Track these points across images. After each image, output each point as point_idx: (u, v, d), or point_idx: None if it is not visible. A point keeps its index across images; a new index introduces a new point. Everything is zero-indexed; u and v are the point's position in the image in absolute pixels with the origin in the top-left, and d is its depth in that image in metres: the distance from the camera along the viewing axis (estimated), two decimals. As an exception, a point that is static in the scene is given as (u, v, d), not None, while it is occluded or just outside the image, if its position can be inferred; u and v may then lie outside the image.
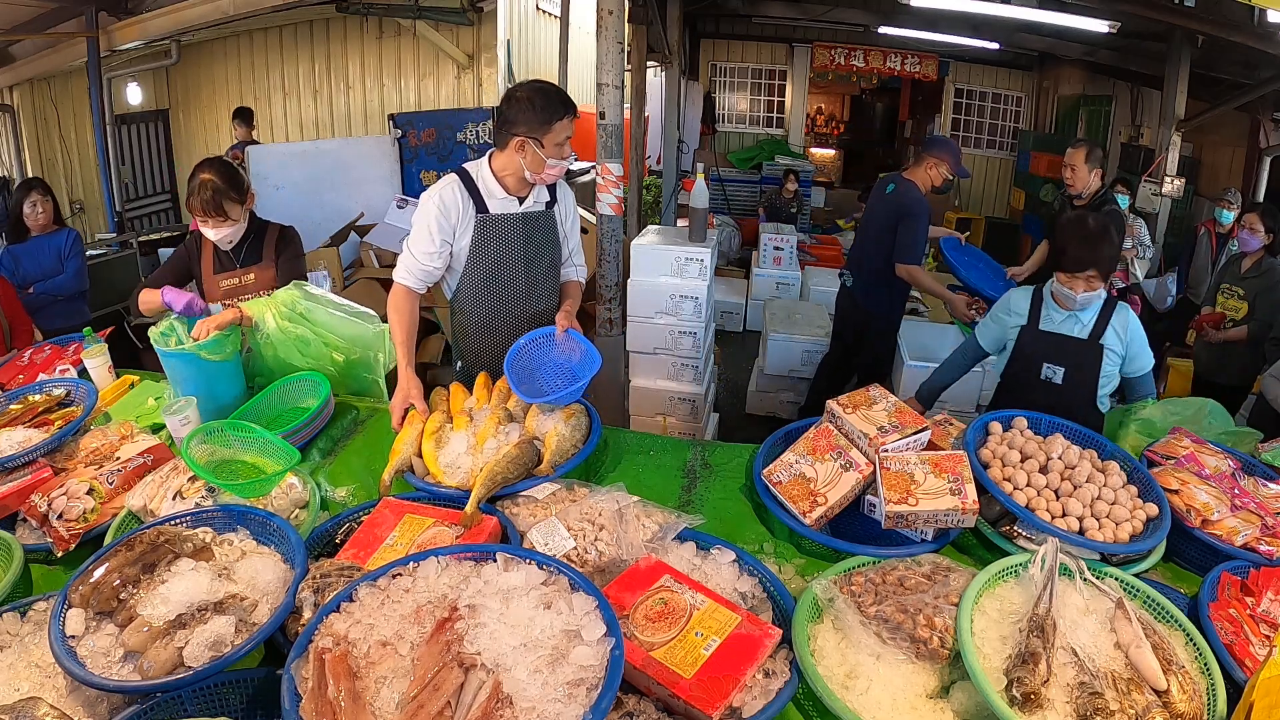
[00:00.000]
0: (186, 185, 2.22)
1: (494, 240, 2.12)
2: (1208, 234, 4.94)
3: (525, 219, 2.14)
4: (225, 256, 2.32)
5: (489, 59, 6.76)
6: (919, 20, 7.21)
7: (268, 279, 2.34)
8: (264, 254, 2.36)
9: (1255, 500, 1.58)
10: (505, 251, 2.14)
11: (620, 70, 3.29)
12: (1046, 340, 2.22)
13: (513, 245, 2.14)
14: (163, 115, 7.72)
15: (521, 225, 2.14)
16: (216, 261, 2.32)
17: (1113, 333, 2.16)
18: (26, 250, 3.63)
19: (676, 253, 3.36)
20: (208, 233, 2.22)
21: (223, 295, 2.30)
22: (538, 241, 2.18)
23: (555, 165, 2.04)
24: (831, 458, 1.62)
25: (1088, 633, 1.18)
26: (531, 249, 2.17)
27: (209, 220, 2.18)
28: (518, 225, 2.14)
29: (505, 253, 2.14)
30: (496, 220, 2.10)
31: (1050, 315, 2.22)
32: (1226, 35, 4.41)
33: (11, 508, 1.61)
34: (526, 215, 2.14)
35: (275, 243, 2.38)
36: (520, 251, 2.16)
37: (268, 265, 2.36)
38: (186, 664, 1.11)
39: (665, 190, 7.67)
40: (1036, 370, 2.24)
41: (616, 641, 1.05)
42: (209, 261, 2.31)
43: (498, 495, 1.58)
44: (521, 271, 2.18)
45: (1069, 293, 2.13)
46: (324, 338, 2.15)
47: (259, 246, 2.36)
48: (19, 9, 5.55)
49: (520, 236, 2.14)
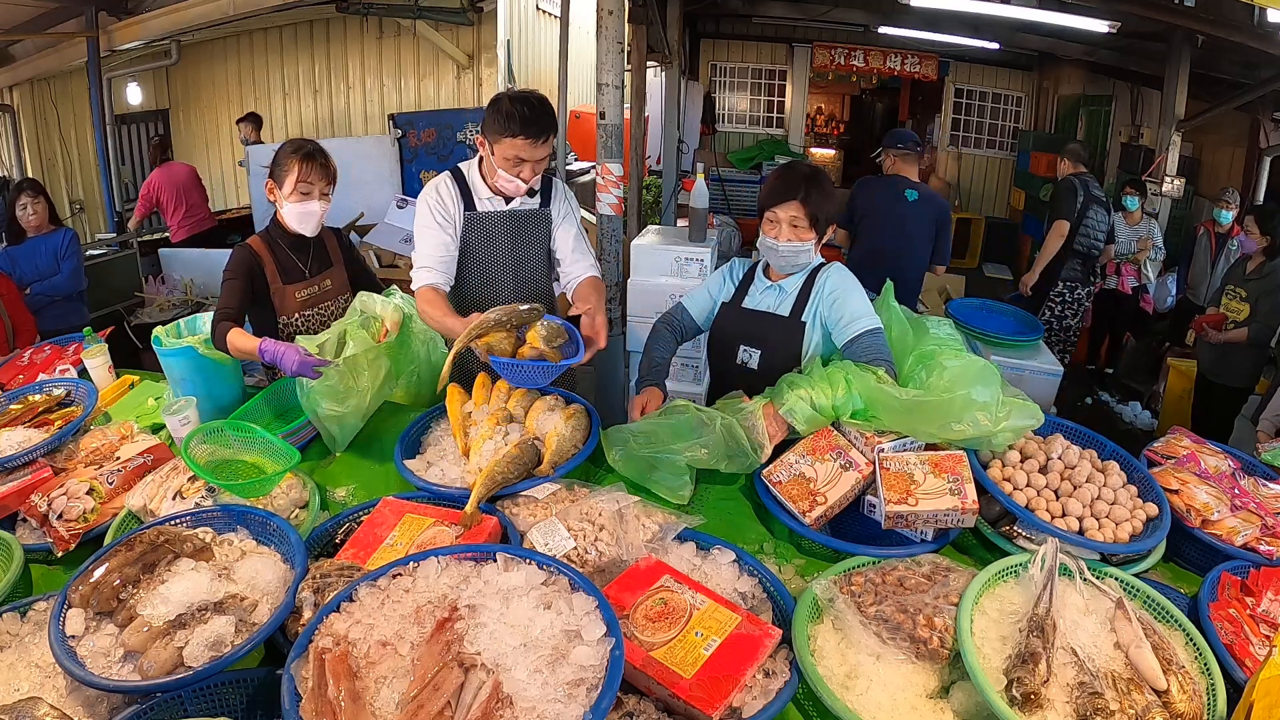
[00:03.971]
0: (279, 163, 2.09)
1: (481, 238, 2.11)
2: (1207, 234, 4.94)
3: (513, 217, 2.12)
4: (292, 266, 2.19)
5: (489, 59, 6.76)
6: (919, 20, 7.21)
7: (341, 282, 2.29)
8: (331, 258, 2.29)
9: (1255, 500, 1.58)
10: (491, 250, 2.13)
11: (620, 70, 3.29)
12: (746, 319, 1.98)
13: (499, 244, 2.12)
14: (163, 115, 7.73)
15: (509, 224, 2.12)
16: (282, 273, 2.17)
17: (815, 303, 1.91)
18: (23, 251, 3.63)
19: (676, 253, 3.37)
20: (312, 207, 2.10)
21: (300, 306, 2.20)
22: (527, 241, 2.16)
23: (506, 180, 1.99)
24: (831, 458, 1.62)
25: (1088, 633, 1.18)
26: (520, 249, 2.15)
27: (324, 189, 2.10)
28: (505, 223, 2.12)
29: (491, 251, 2.13)
30: (484, 218, 2.10)
31: (755, 291, 1.99)
32: (1226, 35, 4.41)
33: (11, 508, 1.61)
34: (514, 214, 2.12)
35: (336, 246, 2.32)
36: (507, 251, 2.14)
37: (339, 269, 2.30)
38: (186, 664, 1.11)
39: (665, 190, 7.67)
40: (733, 354, 2.00)
41: (616, 641, 1.05)
42: (274, 273, 2.16)
43: (498, 495, 1.58)
44: (509, 270, 2.16)
45: (772, 242, 1.87)
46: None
47: (323, 252, 2.28)
48: (19, 9, 5.55)
49: (507, 235, 2.12)
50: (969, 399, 1.53)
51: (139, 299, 4.94)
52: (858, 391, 1.64)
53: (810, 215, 1.86)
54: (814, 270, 1.99)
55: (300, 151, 2.09)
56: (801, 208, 1.85)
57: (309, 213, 2.12)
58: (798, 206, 1.86)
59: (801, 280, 1.98)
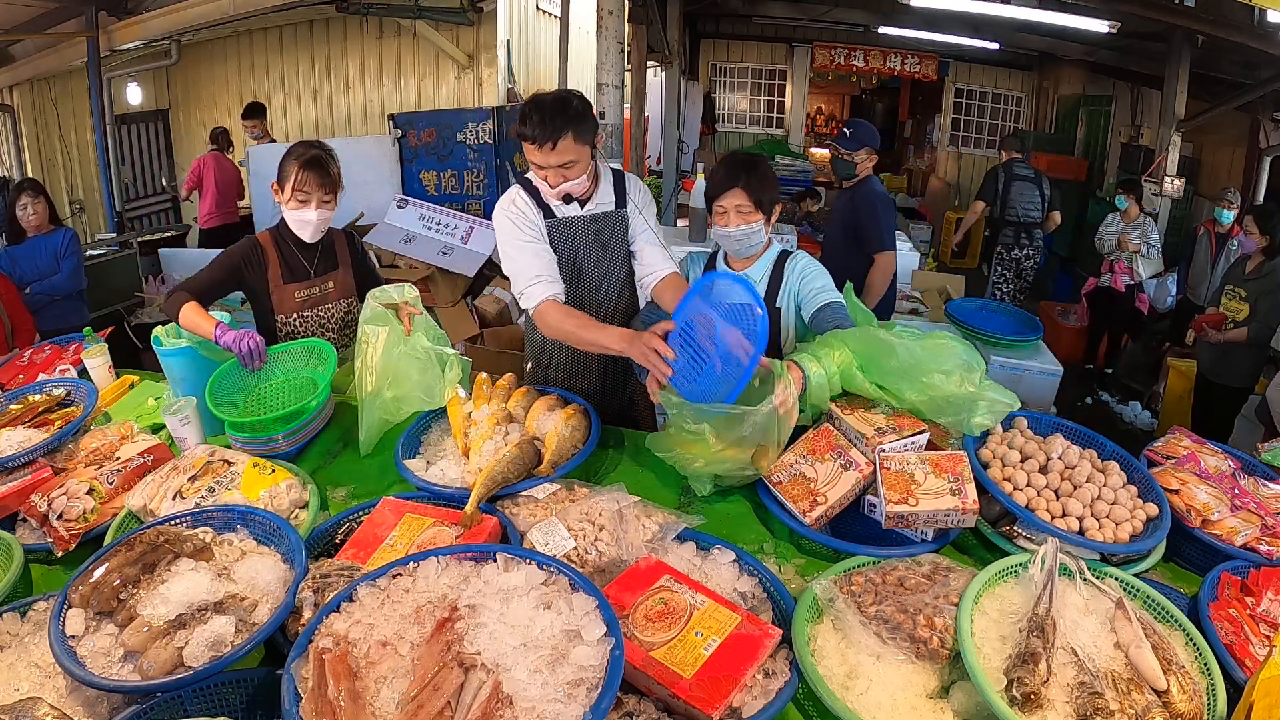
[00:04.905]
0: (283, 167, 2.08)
1: (564, 244, 2.05)
2: (1207, 234, 4.95)
3: (594, 221, 2.06)
4: (297, 266, 2.18)
5: (489, 59, 6.76)
6: (919, 20, 7.22)
7: (346, 286, 2.27)
8: (339, 260, 2.27)
9: (1255, 500, 1.58)
10: (574, 254, 2.07)
11: (620, 70, 3.30)
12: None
13: (583, 247, 2.06)
14: (163, 115, 7.73)
15: (590, 227, 2.05)
16: (286, 271, 2.16)
17: (787, 287, 2.00)
18: (23, 251, 3.63)
19: (676, 252, 3.37)
20: (308, 215, 2.09)
21: (299, 306, 2.19)
22: (607, 243, 2.09)
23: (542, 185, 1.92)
24: (831, 457, 1.62)
25: (1088, 633, 1.18)
26: (602, 251, 2.09)
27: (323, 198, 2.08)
28: (586, 227, 2.05)
29: (574, 255, 2.07)
30: (565, 224, 2.04)
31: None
32: (1226, 35, 4.42)
33: (11, 508, 1.60)
34: (595, 218, 2.06)
35: (346, 248, 2.30)
36: (591, 253, 2.07)
37: (345, 271, 2.28)
38: (186, 664, 1.11)
39: (665, 190, 7.67)
40: None
41: (616, 641, 1.05)
42: (276, 272, 2.14)
43: (498, 495, 1.58)
44: (592, 273, 2.10)
45: (724, 230, 1.95)
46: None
47: (331, 253, 2.25)
48: (19, 9, 5.55)
49: (590, 238, 2.06)
50: (957, 349, 1.61)
51: (139, 299, 4.93)
52: (852, 348, 1.68)
53: (754, 200, 1.96)
54: (780, 257, 2.09)
55: (301, 159, 2.07)
56: (744, 194, 1.95)
57: (306, 220, 2.11)
58: (740, 194, 1.95)
59: (769, 268, 2.06)
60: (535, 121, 1.83)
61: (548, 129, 1.83)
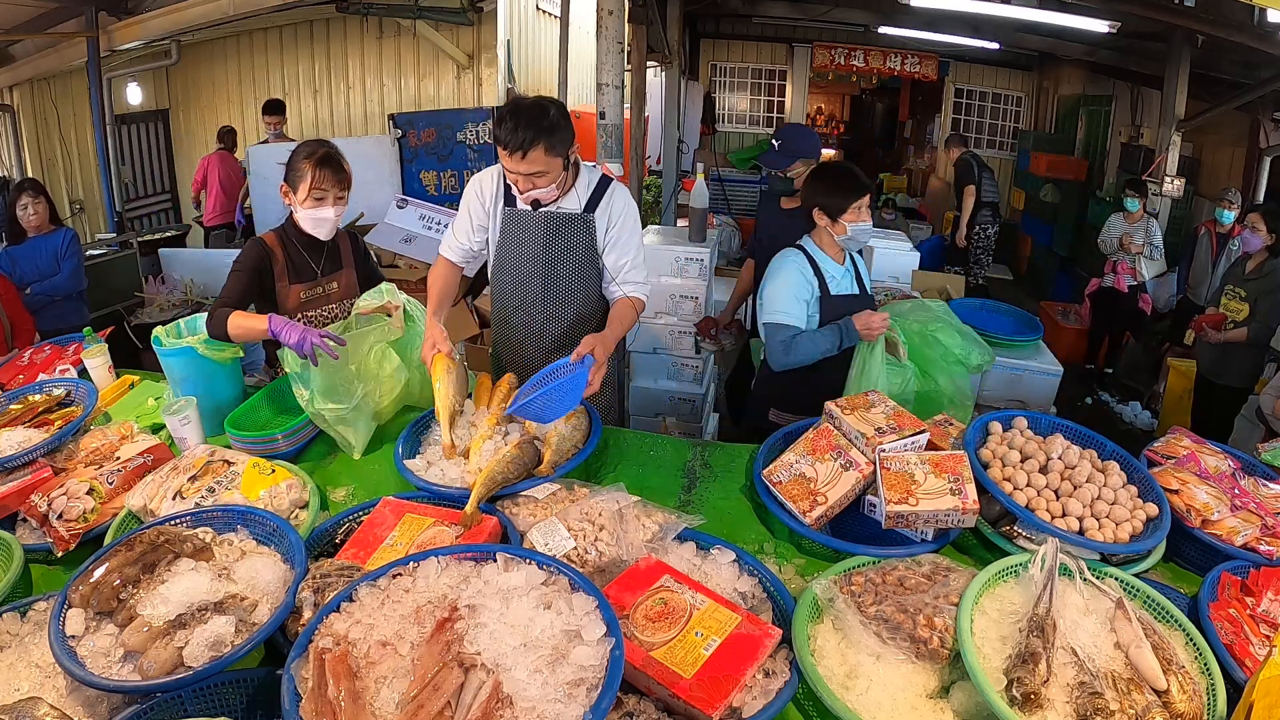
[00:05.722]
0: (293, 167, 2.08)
1: (513, 237, 2.09)
2: (1208, 234, 4.94)
3: (547, 219, 2.07)
4: (304, 266, 2.19)
5: (489, 59, 6.76)
6: (919, 20, 7.21)
7: (350, 286, 2.27)
8: (343, 260, 2.28)
9: (1255, 500, 1.58)
10: (520, 250, 2.10)
11: (620, 70, 3.30)
12: (839, 305, 2.09)
13: (531, 245, 2.08)
14: (163, 115, 7.73)
15: (542, 225, 2.07)
16: (291, 270, 2.17)
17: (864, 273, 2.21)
18: (23, 251, 3.63)
19: (676, 253, 3.37)
20: (325, 213, 2.09)
21: (300, 305, 2.18)
22: (561, 246, 2.09)
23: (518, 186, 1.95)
24: (831, 457, 1.62)
25: (1088, 633, 1.18)
26: (553, 252, 2.09)
27: (339, 194, 2.09)
28: (538, 224, 2.07)
29: (520, 251, 2.10)
30: (519, 216, 2.07)
31: (832, 280, 2.12)
32: (1226, 35, 4.41)
33: (11, 508, 1.61)
34: (550, 216, 2.06)
35: (350, 249, 2.31)
36: (540, 253, 2.09)
37: (349, 272, 2.29)
38: (186, 664, 1.11)
39: (665, 190, 7.67)
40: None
41: (616, 641, 1.05)
42: (282, 270, 2.15)
43: (498, 495, 1.58)
44: (539, 273, 2.11)
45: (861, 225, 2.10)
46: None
47: (336, 254, 2.26)
48: (19, 9, 5.55)
49: (539, 238, 2.07)
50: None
51: (139, 299, 4.93)
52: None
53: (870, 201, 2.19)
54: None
55: (314, 157, 2.07)
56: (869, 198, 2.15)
57: (323, 218, 2.11)
58: (869, 199, 2.15)
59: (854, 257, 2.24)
60: (509, 128, 1.84)
61: (519, 138, 1.83)
